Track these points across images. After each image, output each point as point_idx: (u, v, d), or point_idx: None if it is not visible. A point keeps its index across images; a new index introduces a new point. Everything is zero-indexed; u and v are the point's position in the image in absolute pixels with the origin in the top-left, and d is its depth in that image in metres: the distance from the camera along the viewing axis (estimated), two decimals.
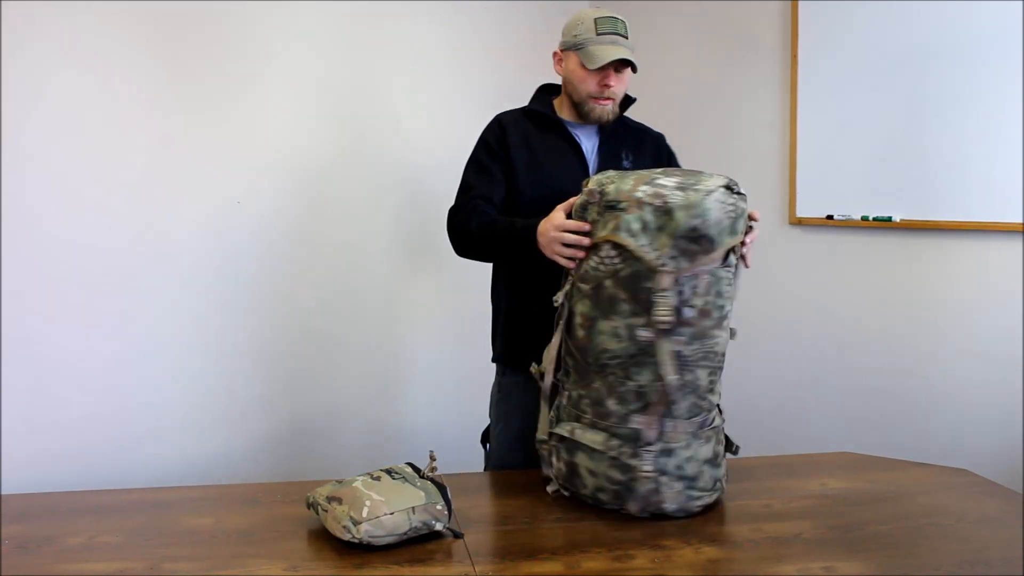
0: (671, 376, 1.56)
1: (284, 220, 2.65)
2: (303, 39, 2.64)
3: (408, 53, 2.83)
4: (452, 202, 2.01)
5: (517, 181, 1.97)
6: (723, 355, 1.66)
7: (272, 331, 2.65)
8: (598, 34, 1.89)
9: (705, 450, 1.65)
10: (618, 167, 1.98)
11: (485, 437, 2.12)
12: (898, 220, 2.51)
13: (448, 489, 1.56)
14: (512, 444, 2.00)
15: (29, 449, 2.27)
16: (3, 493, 1.92)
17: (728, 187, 1.56)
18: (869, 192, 2.57)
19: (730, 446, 1.77)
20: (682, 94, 3.01)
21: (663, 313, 1.53)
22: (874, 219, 2.56)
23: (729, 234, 1.54)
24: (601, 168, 1.97)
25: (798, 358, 2.77)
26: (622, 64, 1.91)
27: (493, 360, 2.11)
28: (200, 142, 2.49)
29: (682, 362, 1.57)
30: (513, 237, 1.83)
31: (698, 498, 1.65)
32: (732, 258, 1.59)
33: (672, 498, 1.62)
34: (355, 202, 2.77)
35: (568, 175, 1.96)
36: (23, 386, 2.26)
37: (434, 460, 1.61)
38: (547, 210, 1.77)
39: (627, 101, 2.05)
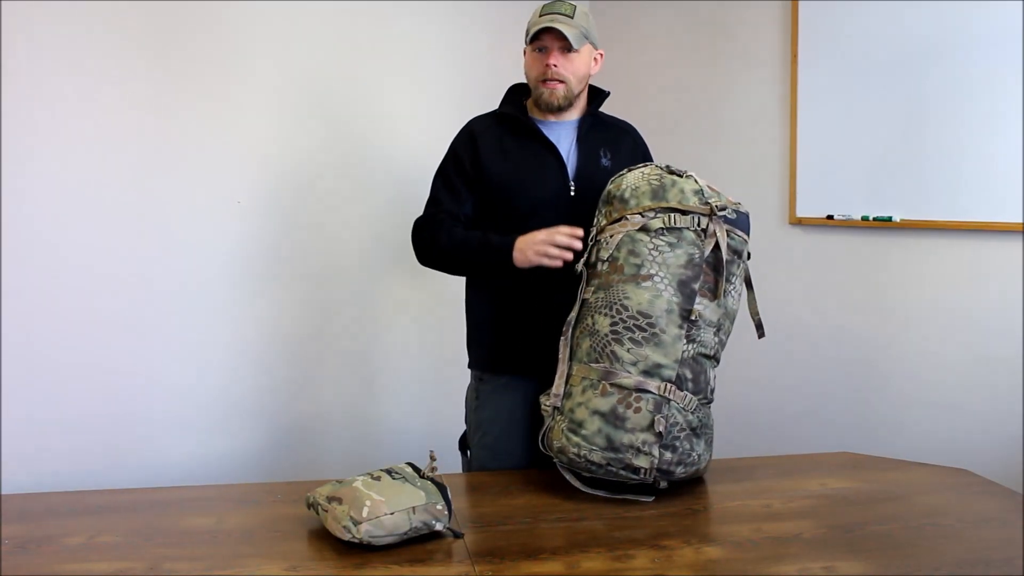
0: (572, 313, 1.79)
1: (285, 221, 2.65)
2: (302, 40, 2.64)
3: (406, 53, 2.83)
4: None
5: (493, 192, 1.96)
6: (641, 316, 1.68)
7: (273, 330, 2.65)
8: (540, 16, 1.91)
9: (601, 402, 1.68)
10: (597, 166, 1.97)
11: (462, 443, 2.11)
12: (898, 220, 2.51)
13: (448, 489, 1.56)
14: (493, 451, 1.99)
15: (29, 449, 2.27)
16: (3, 493, 1.92)
17: (667, 168, 1.79)
18: (869, 192, 2.57)
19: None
20: (682, 94, 3.01)
21: (577, 263, 1.81)
22: (874, 219, 2.56)
23: (650, 198, 1.72)
24: (580, 169, 1.96)
25: (798, 358, 2.77)
26: (566, 48, 1.89)
27: (470, 366, 2.09)
28: (200, 143, 2.49)
29: (585, 306, 1.76)
30: (488, 252, 1.87)
31: (580, 447, 1.67)
32: (658, 224, 1.69)
33: (557, 436, 1.72)
34: (356, 203, 2.77)
35: (545, 182, 1.95)
36: (23, 386, 2.26)
37: (434, 460, 1.61)
38: (526, 218, 1.88)
39: (599, 96, 2.04)
